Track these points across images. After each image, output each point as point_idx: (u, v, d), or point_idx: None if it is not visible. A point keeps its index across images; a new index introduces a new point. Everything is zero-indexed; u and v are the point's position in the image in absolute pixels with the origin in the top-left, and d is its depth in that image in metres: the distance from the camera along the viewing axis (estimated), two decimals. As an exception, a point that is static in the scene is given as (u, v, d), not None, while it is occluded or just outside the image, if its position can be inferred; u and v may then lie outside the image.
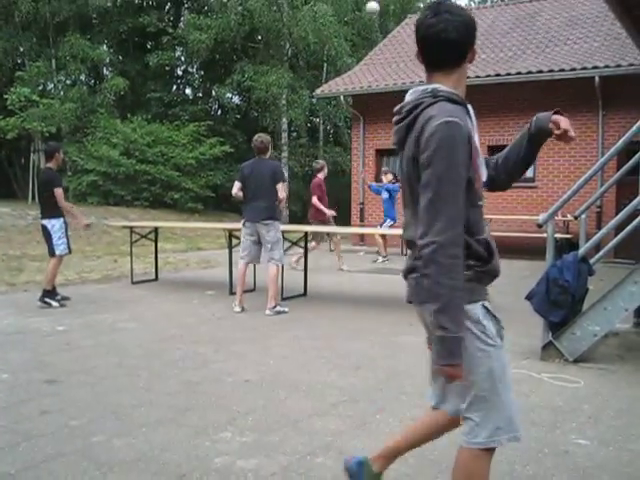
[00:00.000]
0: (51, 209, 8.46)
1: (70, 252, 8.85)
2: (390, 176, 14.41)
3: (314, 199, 12.24)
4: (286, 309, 8.12)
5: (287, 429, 4.11)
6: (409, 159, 2.36)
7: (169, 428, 4.12)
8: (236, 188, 8.31)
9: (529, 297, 5.96)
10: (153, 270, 11.16)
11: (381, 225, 14.69)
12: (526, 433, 4.03)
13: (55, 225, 8.48)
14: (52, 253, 8.50)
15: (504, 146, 11.51)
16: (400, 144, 2.44)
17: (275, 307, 8.01)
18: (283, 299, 8.90)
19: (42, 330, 7.02)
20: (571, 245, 6.49)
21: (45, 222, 8.51)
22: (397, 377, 5.30)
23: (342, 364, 5.71)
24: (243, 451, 3.70)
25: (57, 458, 3.65)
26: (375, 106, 17.79)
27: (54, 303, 8.39)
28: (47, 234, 8.51)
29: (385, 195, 14.35)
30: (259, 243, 8.22)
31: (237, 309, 8.19)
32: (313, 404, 4.59)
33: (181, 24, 31.13)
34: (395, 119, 2.46)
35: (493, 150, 16.16)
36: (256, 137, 8.29)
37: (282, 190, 8.10)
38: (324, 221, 12.14)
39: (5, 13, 27.27)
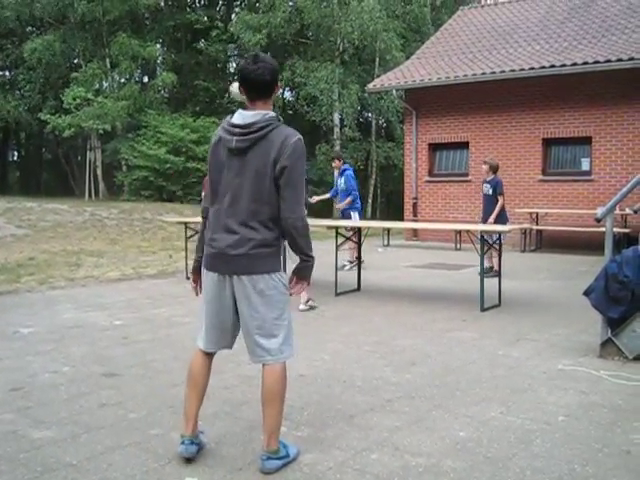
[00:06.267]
0: None
1: None
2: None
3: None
4: (316, 304, 8.12)
5: (342, 424, 4.11)
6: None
7: (225, 422, 4.16)
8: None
9: (587, 292, 5.85)
10: (207, 265, 11.24)
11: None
12: (585, 432, 3.98)
13: None
14: None
15: (559, 139, 11.40)
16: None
17: (308, 301, 8.01)
18: (337, 295, 8.92)
19: (100, 324, 7.16)
20: (630, 239, 6.37)
21: None
22: (452, 373, 5.26)
23: (397, 360, 5.69)
24: (299, 445, 3.71)
25: (116, 450, 3.71)
26: (428, 100, 17.67)
27: None
28: None
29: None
30: None
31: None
32: (368, 399, 4.59)
33: (233, 21, 31.38)
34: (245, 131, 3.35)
35: (548, 143, 15.91)
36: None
37: None
38: None
39: (61, 15, 27.89)
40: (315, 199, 11.47)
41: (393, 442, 3.83)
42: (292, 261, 3.64)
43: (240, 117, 3.38)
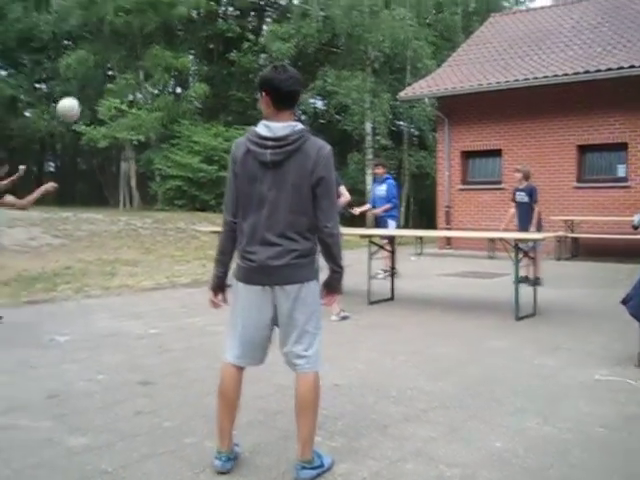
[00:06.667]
0: None
1: None
2: None
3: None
4: (348, 314, 8.00)
5: (376, 434, 4.09)
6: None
7: (260, 431, 4.16)
8: None
9: (625, 301, 5.77)
10: (240, 274, 11.28)
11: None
12: (624, 443, 3.92)
13: None
14: None
15: (594, 146, 11.30)
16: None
17: (340, 312, 7.93)
18: (370, 303, 8.89)
19: (135, 333, 7.22)
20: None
21: None
22: (487, 382, 5.21)
23: (431, 369, 5.65)
24: (333, 455, 3.69)
25: (151, 458, 3.73)
26: (460, 107, 17.59)
27: None
28: None
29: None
30: None
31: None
32: (402, 409, 4.56)
33: (264, 32, 31.57)
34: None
35: (583, 150, 15.74)
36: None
37: None
38: None
39: (96, 28, 28.31)
40: (357, 211, 11.42)
41: (428, 452, 3.80)
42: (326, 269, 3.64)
43: (267, 129, 3.37)
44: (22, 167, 7.73)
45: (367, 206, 12.28)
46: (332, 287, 3.57)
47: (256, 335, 3.51)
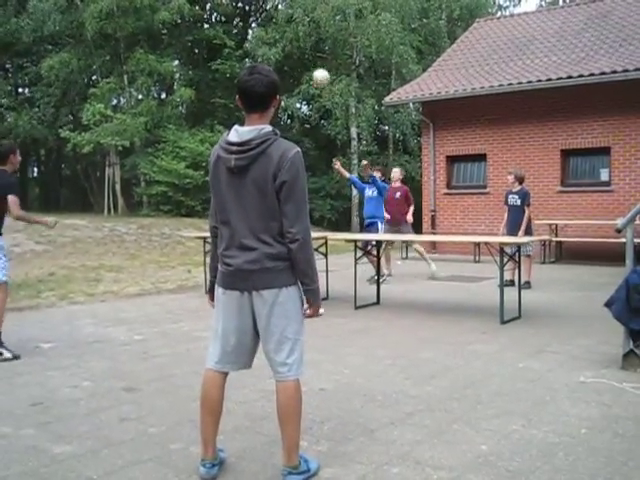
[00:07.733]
0: None
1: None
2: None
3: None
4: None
5: (363, 438, 4.09)
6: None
7: (246, 436, 4.15)
8: None
9: (608, 304, 5.80)
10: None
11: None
12: (609, 445, 3.93)
13: None
14: None
15: (578, 150, 11.33)
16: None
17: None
18: (356, 308, 8.90)
19: (120, 339, 7.19)
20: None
21: None
22: (472, 386, 5.22)
23: (417, 373, 5.66)
24: (319, 460, 3.69)
25: (137, 464, 3.71)
26: (445, 112, 17.64)
27: (6, 353, 6.26)
28: None
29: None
30: None
31: None
32: (389, 413, 4.56)
33: (249, 37, 31.56)
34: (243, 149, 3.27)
35: (567, 154, 15.83)
36: None
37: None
38: None
39: (77, 33, 28.21)
40: (337, 164, 11.14)
41: (414, 456, 3.80)
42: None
43: (236, 134, 3.32)
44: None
45: (347, 174, 11.91)
46: (309, 300, 3.43)
47: (236, 341, 3.46)
